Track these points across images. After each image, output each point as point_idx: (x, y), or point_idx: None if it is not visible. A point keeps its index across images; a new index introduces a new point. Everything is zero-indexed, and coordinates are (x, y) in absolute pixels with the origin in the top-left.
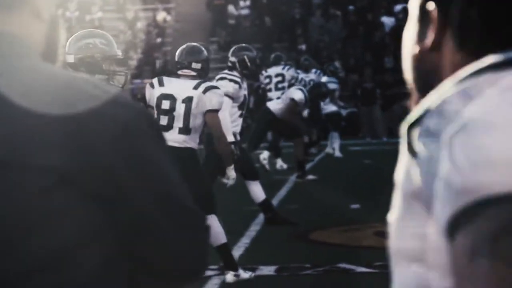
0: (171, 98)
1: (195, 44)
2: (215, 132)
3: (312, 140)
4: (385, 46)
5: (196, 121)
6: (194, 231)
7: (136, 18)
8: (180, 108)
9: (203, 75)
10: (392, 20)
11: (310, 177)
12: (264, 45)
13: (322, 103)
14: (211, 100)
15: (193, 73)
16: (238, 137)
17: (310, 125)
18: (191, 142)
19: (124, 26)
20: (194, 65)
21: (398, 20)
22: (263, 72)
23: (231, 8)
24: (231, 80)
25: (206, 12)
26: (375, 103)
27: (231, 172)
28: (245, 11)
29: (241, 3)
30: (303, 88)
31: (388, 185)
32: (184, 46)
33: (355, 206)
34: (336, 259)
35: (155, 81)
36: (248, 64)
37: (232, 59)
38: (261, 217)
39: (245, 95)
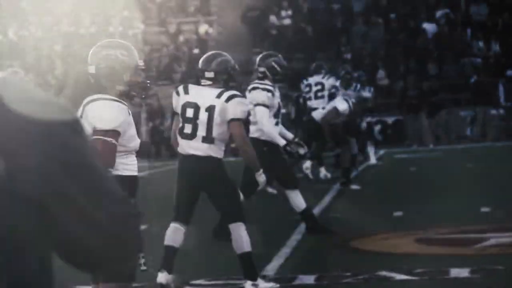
0: (195, 106)
1: (214, 52)
2: (238, 142)
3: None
4: (428, 52)
5: (219, 130)
6: (125, 218)
7: (178, 31)
8: (203, 117)
9: (222, 83)
10: (434, 26)
11: (354, 186)
12: (307, 54)
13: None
14: (234, 109)
15: (208, 82)
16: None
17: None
18: (214, 151)
19: (166, 39)
20: (207, 74)
21: (440, 26)
22: (304, 81)
23: (272, 18)
24: (263, 89)
25: (247, 24)
26: (421, 111)
27: (260, 178)
28: (286, 21)
29: (283, 13)
30: (349, 99)
31: (432, 192)
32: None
33: (398, 213)
34: (377, 267)
35: (180, 88)
36: (278, 69)
37: (261, 69)
38: (302, 226)
39: (278, 103)
